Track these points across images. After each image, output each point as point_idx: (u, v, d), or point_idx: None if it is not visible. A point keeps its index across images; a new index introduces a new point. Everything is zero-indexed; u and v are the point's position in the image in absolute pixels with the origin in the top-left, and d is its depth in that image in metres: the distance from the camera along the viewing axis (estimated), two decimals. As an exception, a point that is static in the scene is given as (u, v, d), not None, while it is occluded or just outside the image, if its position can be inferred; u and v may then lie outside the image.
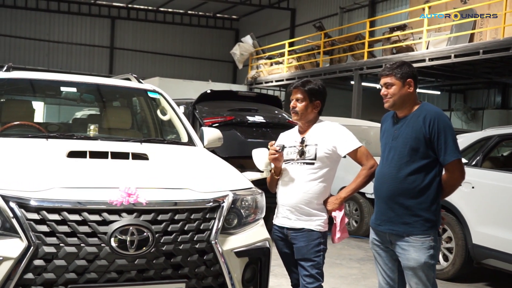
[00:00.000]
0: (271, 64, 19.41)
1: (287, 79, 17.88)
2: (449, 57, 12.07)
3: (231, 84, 22.96)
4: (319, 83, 3.64)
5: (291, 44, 19.82)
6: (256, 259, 3.27)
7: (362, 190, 7.96)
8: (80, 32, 27.27)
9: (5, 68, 4.57)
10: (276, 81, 18.67)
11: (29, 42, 26.13)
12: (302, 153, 3.54)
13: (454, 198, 6.09)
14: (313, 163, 3.52)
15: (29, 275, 2.61)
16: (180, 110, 7.80)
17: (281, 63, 18.77)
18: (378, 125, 3.85)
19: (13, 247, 2.62)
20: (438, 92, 19.91)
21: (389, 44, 14.06)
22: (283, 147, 3.57)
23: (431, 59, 12.48)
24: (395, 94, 3.29)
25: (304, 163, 3.53)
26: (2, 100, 4.53)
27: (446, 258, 6.23)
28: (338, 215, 3.56)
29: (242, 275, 3.16)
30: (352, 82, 15.17)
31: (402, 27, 13.68)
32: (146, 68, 27.56)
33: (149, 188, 2.96)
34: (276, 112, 8.47)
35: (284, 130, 3.89)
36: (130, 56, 28.20)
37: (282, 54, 18.91)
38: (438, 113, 3.24)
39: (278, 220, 3.64)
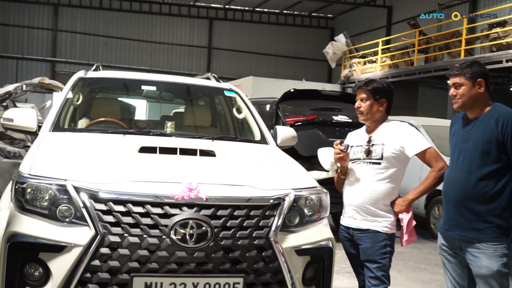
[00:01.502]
0: (364, 63, 19.07)
1: (380, 78, 17.45)
2: (553, 54, 11.27)
3: (324, 83, 22.80)
4: (384, 81, 3.59)
5: (386, 43, 19.35)
6: (318, 258, 3.25)
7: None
8: (179, 33, 28.30)
9: (94, 67, 4.86)
10: (369, 80, 18.29)
11: (133, 43, 27.50)
12: (368, 153, 3.49)
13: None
14: (379, 163, 3.46)
15: (96, 262, 2.77)
16: (266, 109, 7.94)
17: (374, 62, 18.39)
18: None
19: (82, 235, 2.80)
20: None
21: (488, 42, 13.33)
22: (348, 147, 3.53)
23: (535, 57, 11.71)
24: (465, 95, 3.15)
25: (370, 162, 3.49)
26: (89, 98, 4.82)
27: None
28: (405, 217, 3.46)
29: (303, 273, 3.16)
30: (449, 82, 14.55)
31: (502, 24, 12.92)
32: (242, 67, 28.08)
33: (210, 184, 3.04)
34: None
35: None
36: (226, 56, 28.85)
37: (375, 53, 18.52)
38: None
39: (344, 220, 3.61)
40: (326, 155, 3.55)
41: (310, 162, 7.18)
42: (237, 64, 28.59)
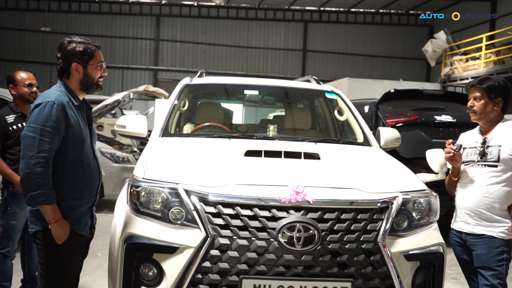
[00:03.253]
0: (467, 60, 18.18)
1: (484, 76, 16.60)
2: None
3: (423, 82, 22.04)
4: (500, 79, 3.38)
5: (490, 38, 18.35)
6: (428, 264, 3.13)
7: None
8: (275, 37, 28.51)
9: (198, 74, 5.01)
10: (472, 78, 17.42)
11: (230, 49, 28.09)
12: (483, 155, 3.31)
13: None
14: (495, 166, 3.28)
15: (207, 264, 2.83)
16: (365, 110, 7.79)
17: (478, 58, 17.49)
18: None
19: (193, 237, 2.87)
20: None
21: None
22: (461, 147, 3.36)
23: None
24: None
25: (485, 165, 3.31)
26: (195, 103, 4.97)
27: None
28: None
29: (413, 279, 3.05)
30: None
31: None
32: (337, 69, 27.79)
33: (317, 187, 3.01)
34: (467, 111, 7.93)
35: (472, 129, 3.66)
36: (321, 58, 28.68)
37: (479, 49, 17.61)
38: None
39: (457, 224, 3.46)
40: (435, 157, 3.42)
41: (413, 164, 6.94)
42: (332, 66, 28.33)
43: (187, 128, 4.60)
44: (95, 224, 3.20)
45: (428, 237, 3.18)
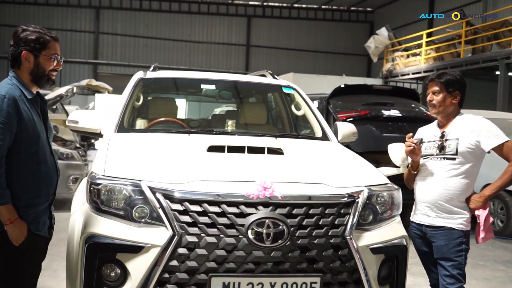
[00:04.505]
0: (408, 56, 18.73)
1: (424, 71, 17.17)
2: None
3: (365, 78, 22.59)
4: (457, 73, 3.47)
5: (429, 35, 18.97)
6: (392, 257, 3.18)
7: (509, 188, 7.45)
8: (218, 32, 28.41)
9: (151, 68, 4.89)
10: (413, 73, 18.01)
11: (173, 43, 27.77)
12: (442, 148, 3.39)
13: None
14: (454, 159, 3.36)
15: (174, 262, 2.76)
16: (315, 105, 7.86)
17: (418, 54, 18.05)
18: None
19: (159, 235, 2.79)
20: None
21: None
22: (421, 140, 3.43)
23: None
24: None
25: (444, 158, 3.38)
26: (149, 98, 4.85)
27: None
28: (481, 214, 3.35)
29: (378, 272, 3.09)
30: (498, 73, 14.17)
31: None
32: (281, 64, 27.99)
33: (284, 182, 3.00)
34: (413, 105, 8.17)
35: (421, 124, 3.75)
36: (265, 53, 28.82)
37: (419, 45, 18.17)
38: None
39: (416, 217, 3.53)
40: (397, 151, 3.47)
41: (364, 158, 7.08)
42: (276, 61, 28.51)
43: (143, 123, 4.48)
44: (53, 224, 3.07)
45: (392, 230, 3.23)
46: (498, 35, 14.61)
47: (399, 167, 3.49)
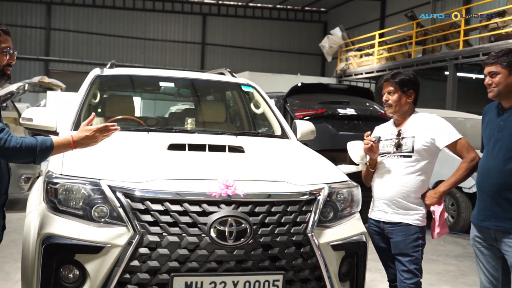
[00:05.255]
0: (361, 56, 19.05)
1: (377, 71, 17.49)
2: (555, 44, 11.28)
3: (320, 77, 22.82)
4: (410, 73, 3.54)
5: (381, 35, 19.34)
6: (352, 253, 3.21)
7: (459, 185, 7.65)
8: (173, 30, 28.16)
9: (108, 65, 4.79)
10: (366, 73, 18.33)
11: (127, 41, 27.35)
12: (398, 146, 3.45)
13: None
14: (410, 156, 3.42)
15: (135, 262, 2.70)
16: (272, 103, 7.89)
17: (371, 54, 18.38)
18: (475, 116, 3.67)
19: (120, 235, 2.73)
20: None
21: (486, 32, 13.33)
22: (379, 139, 3.48)
23: (534, 47, 11.71)
24: (501, 83, 3.09)
25: (401, 156, 3.44)
26: (106, 95, 4.74)
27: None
28: (437, 209, 3.42)
29: (339, 268, 3.11)
30: (447, 73, 14.57)
31: (502, 14, 12.92)
32: (236, 63, 27.99)
33: (246, 180, 2.98)
34: (368, 104, 8.29)
35: (376, 122, 3.81)
36: (220, 52, 28.76)
37: (372, 46, 18.51)
38: None
39: (374, 214, 3.57)
40: (355, 149, 3.50)
41: (321, 156, 7.15)
42: (231, 59, 28.49)
43: (100, 121, 4.37)
44: (5, 225, 2.95)
45: (352, 227, 3.26)
46: (447, 37, 15.02)
47: (358, 164, 3.53)
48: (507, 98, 3.13)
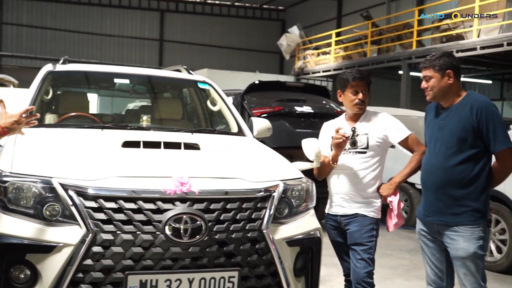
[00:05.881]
0: (318, 55, 19.24)
1: (334, 70, 17.71)
2: (501, 45, 11.68)
3: (278, 75, 22.91)
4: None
5: (338, 34, 19.58)
6: (307, 248, 3.25)
7: (412, 181, 7.83)
8: (130, 26, 27.75)
9: (61, 61, 4.68)
10: (323, 71, 18.52)
11: (82, 36, 26.77)
12: (354, 143, 3.53)
13: (508, 190, 5.90)
14: (365, 152, 3.53)
15: (88, 261, 2.66)
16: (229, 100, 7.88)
17: (328, 53, 18.58)
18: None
19: (72, 234, 2.68)
20: (490, 81, 19.30)
21: (438, 33, 13.69)
22: (353, 135, 3.52)
23: (482, 48, 12.11)
24: (435, 87, 3.24)
25: (356, 152, 3.53)
26: (59, 92, 4.64)
27: (499, 250, 6.06)
28: (394, 199, 3.55)
29: (294, 264, 3.14)
30: (401, 72, 14.88)
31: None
32: (195, 60, 27.80)
33: (201, 177, 2.98)
34: (324, 102, 8.38)
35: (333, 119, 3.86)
36: (179, 49, 28.51)
37: (329, 45, 18.71)
38: (486, 102, 3.16)
39: (332, 209, 3.65)
40: (311, 146, 3.54)
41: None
42: (190, 56, 28.27)
43: (52, 118, 4.28)
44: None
45: (306, 223, 3.30)
46: (401, 37, 15.34)
47: (312, 161, 3.57)
48: (444, 99, 3.26)
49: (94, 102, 10.56)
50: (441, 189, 3.22)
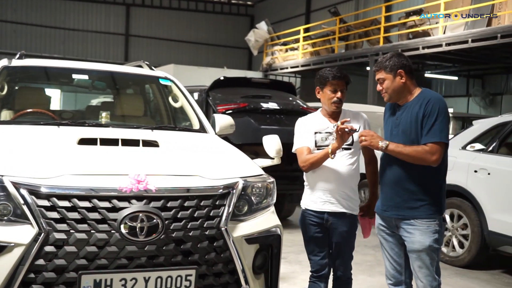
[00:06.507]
0: (286, 51, 19.31)
1: (302, 66, 17.80)
2: (466, 41, 11.92)
3: (246, 71, 22.91)
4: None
5: (306, 30, 19.69)
6: (267, 246, 3.26)
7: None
8: (95, 20, 27.36)
9: (17, 55, 4.60)
10: (291, 67, 18.60)
11: (45, 30, 26.29)
12: None
13: (470, 185, 6.04)
14: (350, 148, 3.61)
15: (40, 261, 2.63)
16: (194, 97, 7.85)
17: (296, 49, 18.66)
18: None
19: (24, 233, 2.64)
20: (456, 78, 19.67)
21: (405, 29, 13.90)
22: (357, 129, 3.52)
23: (448, 44, 12.34)
24: (389, 88, 3.32)
25: (342, 148, 3.59)
26: (15, 88, 4.56)
27: (462, 245, 6.20)
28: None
29: (253, 262, 3.16)
30: (368, 68, 15.05)
31: (418, 12, 13.50)
32: (161, 55, 27.59)
33: (158, 175, 2.97)
34: (290, 98, 8.43)
35: (298, 117, 3.88)
36: (145, 43, 28.24)
37: (297, 40, 18.80)
38: (437, 97, 3.26)
39: (316, 205, 3.66)
40: (272, 143, 3.56)
41: (242, 150, 7.17)
42: (156, 52, 28.05)
43: (7, 114, 4.19)
44: None
45: (266, 220, 3.32)
46: (368, 33, 15.52)
47: (273, 158, 3.59)
48: (400, 98, 3.35)
49: (56, 98, 10.38)
50: (398, 184, 3.31)
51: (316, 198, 3.67)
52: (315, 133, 3.64)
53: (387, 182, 3.39)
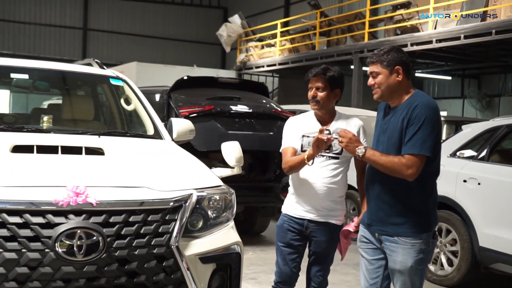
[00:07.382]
0: (262, 47, 19.35)
1: (279, 64, 17.84)
2: (458, 38, 12.01)
3: (218, 69, 22.90)
4: (338, 70, 3.74)
5: (284, 25, 19.77)
6: (225, 266, 3.29)
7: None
8: (49, 12, 27.12)
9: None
10: (268, 65, 18.62)
11: (-8, 23, 26.01)
12: (329, 147, 3.57)
13: (458, 196, 6.08)
14: (338, 157, 3.67)
15: (-38, 285, 2.61)
16: (155, 99, 7.82)
17: (273, 45, 18.72)
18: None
19: None
20: (449, 77, 19.83)
21: (392, 24, 14.04)
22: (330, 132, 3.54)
23: (439, 41, 12.43)
24: (382, 84, 3.27)
25: (329, 157, 3.65)
26: None
27: (450, 263, 6.22)
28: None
29: (209, 284, 3.18)
30: (352, 67, 15.15)
31: (406, 5, 13.65)
32: (124, 51, 27.45)
33: (101, 186, 2.97)
34: (264, 101, 8.41)
35: (270, 120, 3.92)
36: (105, 38, 28.07)
37: (274, 36, 18.85)
38: (425, 102, 3.18)
39: (297, 212, 3.76)
40: (231, 150, 3.58)
41: (208, 158, 7.17)
42: (118, 48, 27.90)
43: None
44: None
45: (224, 237, 3.34)
46: (352, 28, 15.64)
47: (233, 167, 3.61)
48: (391, 98, 3.31)
49: (4, 100, 10.22)
50: (381, 197, 3.31)
51: (297, 205, 3.77)
52: (303, 136, 3.73)
53: (371, 194, 3.40)
